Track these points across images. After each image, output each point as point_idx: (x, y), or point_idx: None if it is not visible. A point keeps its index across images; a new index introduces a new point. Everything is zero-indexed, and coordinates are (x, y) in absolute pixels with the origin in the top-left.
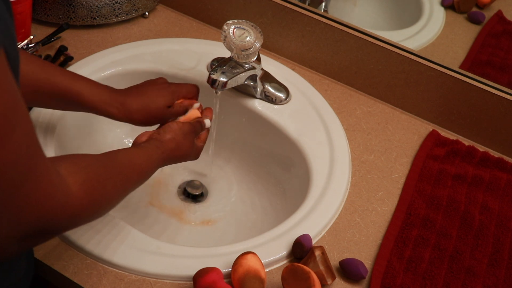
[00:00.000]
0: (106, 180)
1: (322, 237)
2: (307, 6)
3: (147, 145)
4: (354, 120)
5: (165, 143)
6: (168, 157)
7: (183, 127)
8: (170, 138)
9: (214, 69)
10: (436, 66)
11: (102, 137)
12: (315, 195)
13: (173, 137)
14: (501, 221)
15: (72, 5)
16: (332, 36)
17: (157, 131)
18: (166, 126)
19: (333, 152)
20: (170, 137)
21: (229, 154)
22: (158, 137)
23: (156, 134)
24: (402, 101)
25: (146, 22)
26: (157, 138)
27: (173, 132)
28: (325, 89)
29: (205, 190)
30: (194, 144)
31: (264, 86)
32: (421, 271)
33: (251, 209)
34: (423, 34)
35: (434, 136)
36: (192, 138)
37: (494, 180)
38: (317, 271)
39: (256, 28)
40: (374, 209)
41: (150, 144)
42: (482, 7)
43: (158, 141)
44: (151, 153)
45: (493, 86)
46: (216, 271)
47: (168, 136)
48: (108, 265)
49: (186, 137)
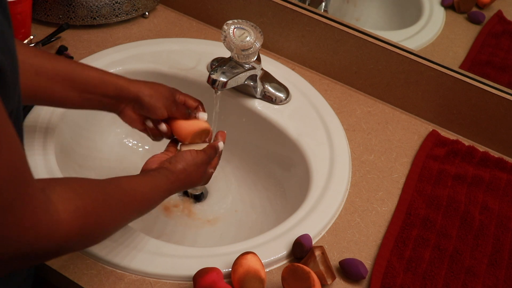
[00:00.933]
0: (104, 209)
1: (322, 237)
2: (307, 6)
3: (156, 174)
4: (354, 120)
5: (175, 173)
6: (178, 187)
7: (197, 158)
8: (181, 169)
9: (214, 69)
10: (436, 66)
11: (102, 137)
12: (315, 195)
13: (185, 168)
14: (501, 221)
15: (72, 5)
16: (332, 36)
17: (168, 159)
18: (179, 155)
19: (333, 152)
20: (181, 167)
21: (229, 154)
22: (169, 166)
23: (167, 163)
24: (402, 101)
25: (146, 22)
26: (168, 167)
27: (185, 163)
28: (325, 89)
29: (205, 190)
30: (205, 172)
31: (264, 86)
32: (421, 271)
33: (251, 209)
34: (423, 34)
35: (434, 136)
36: (205, 168)
37: (494, 180)
38: (317, 271)
39: (256, 28)
40: (374, 209)
41: (159, 173)
42: (482, 7)
43: (168, 171)
44: (159, 183)
45: (493, 86)
46: (216, 271)
47: (180, 166)
48: (108, 265)
49: (199, 167)
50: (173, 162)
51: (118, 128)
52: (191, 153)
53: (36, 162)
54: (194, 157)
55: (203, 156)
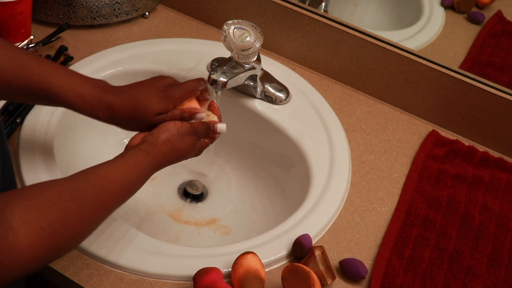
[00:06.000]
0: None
1: (322, 237)
2: (307, 6)
3: (136, 151)
4: (354, 120)
5: (157, 146)
6: (162, 161)
7: (181, 128)
8: (164, 139)
9: (214, 69)
10: (436, 66)
11: (102, 137)
12: (315, 195)
13: (168, 139)
14: (501, 221)
15: (72, 5)
16: (332, 36)
17: (150, 132)
18: (162, 126)
19: (333, 152)
20: (164, 138)
21: (229, 154)
22: (151, 139)
23: (149, 135)
24: (402, 101)
25: (146, 22)
26: (150, 140)
27: (168, 133)
28: (325, 89)
29: (205, 190)
30: (195, 144)
31: (264, 86)
32: (421, 271)
33: (251, 209)
34: (423, 34)
35: (434, 136)
36: (192, 139)
37: (494, 180)
38: (317, 271)
39: (256, 28)
40: (374, 209)
41: (140, 150)
42: (482, 7)
43: (150, 145)
44: (140, 160)
45: (493, 86)
46: (216, 271)
47: (162, 137)
48: (108, 265)
49: (184, 138)
50: (155, 133)
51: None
52: (175, 124)
53: (36, 162)
54: (178, 127)
55: (188, 126)
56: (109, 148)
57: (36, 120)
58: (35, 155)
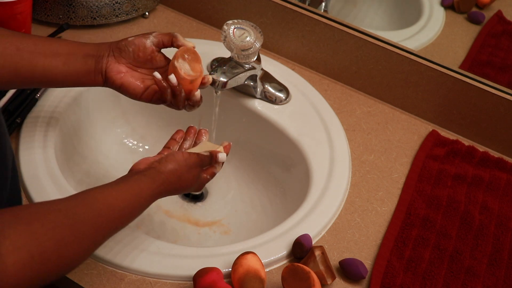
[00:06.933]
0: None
1: (322, 237)
2: (307, 6)
3: (141, 176)
4: (354, 120)
5: (164, 174)
6: (166, 190)
7: (189, 159)
8: (171, 169)
9: (214, 69)
10: (436, 66)
11: (102, 137)
12: (315, 195)
13: (176, 169)
14: (501, 221)
15: (72, 5)
16: (332, 36)
17: (158, 159)
18: (170, 155)
19: (333, 152)
20: (172, 168)
21: (229, 154)
22: (158, 166)
23: (156, 163)
24: (402, 101)
25: (146, 22)
26: (157, 167)
27: (176, 163)
28: (325, 89)
29: (205, 190)
30: (199, 177)
31: (264, 86)
32: (421, 271)
33: (251, 209)
34: (423, 34)
35: (434, 136)
36: (198, 172)
37: (494, 180)
38: (317, 271)
39: (256, 28)
40: (374, 209)
41: (144, 175)
42: (482, 7)
43: (156, 172)
44: (144, 187)
45: (493, 86)
46: (216, 271)
47: (170, 166)
48: (108, 265)
49: (191, 170)
50: (163, 162)
51: (118, 128)
52: (183, 154)
53: (36, 161)
54: (186, 158)
55: (195, 158)
56: (110, 148)
57: (36, 120)
58: (35, 155)
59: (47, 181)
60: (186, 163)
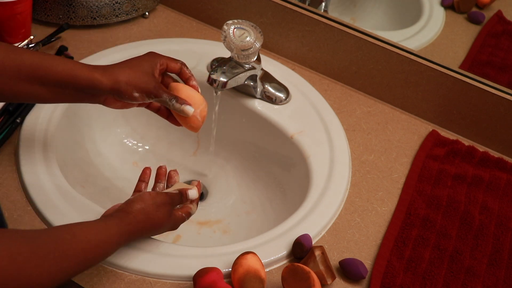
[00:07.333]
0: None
1: (322, 237)
2: (307, 6)
3: (109, 217)
4: (354, 120)
5: (132, 214)
6: (136, 230)
7: (156, 197)
8: (138, 208)
9: (214, 69)
10: (436, 66)
11: (102, 137)
12: (315, 195)
13: (143, 208)
14: (501, 221)
15: (72, 5)
16: (332, 36)
17: (125, 202)
18: (137, 196)
19: (333, 152)
20: (139, 207)
21: (229, 154)
22: (125, 207)
23: (124, 205)
24: (402, 101)
25: (146, 22)
26: (124, 208)
27: (143, 203)
28: (325, 89)
29: (205, 191)
30: (171, 215)
31: (264, 86)
32: (421, 271)
33: (251, 209)
34: (423, 34)
35: (434, 136)
36: (168, 210)
37: (494, 180)
38: (317, 271)
39: (256, 28)
40: (374, 209)
41: (113, 216)
42: (482, 7)
43: (123, 212)
44: (110, 224)
45: (493, 86)
46: (216, 271)
47: (137, 206)
48: (108, 265)
49: (159, 208)
50: (130, 203)
51: (118, 128)
52: (150, 194)
53: (36, 161)
54: (153, 197)
55: (163, 196)
56: (109, 148)
57: (36, 120)
58: (35, 155)
59: (47, 181)
60: (154, 202)
